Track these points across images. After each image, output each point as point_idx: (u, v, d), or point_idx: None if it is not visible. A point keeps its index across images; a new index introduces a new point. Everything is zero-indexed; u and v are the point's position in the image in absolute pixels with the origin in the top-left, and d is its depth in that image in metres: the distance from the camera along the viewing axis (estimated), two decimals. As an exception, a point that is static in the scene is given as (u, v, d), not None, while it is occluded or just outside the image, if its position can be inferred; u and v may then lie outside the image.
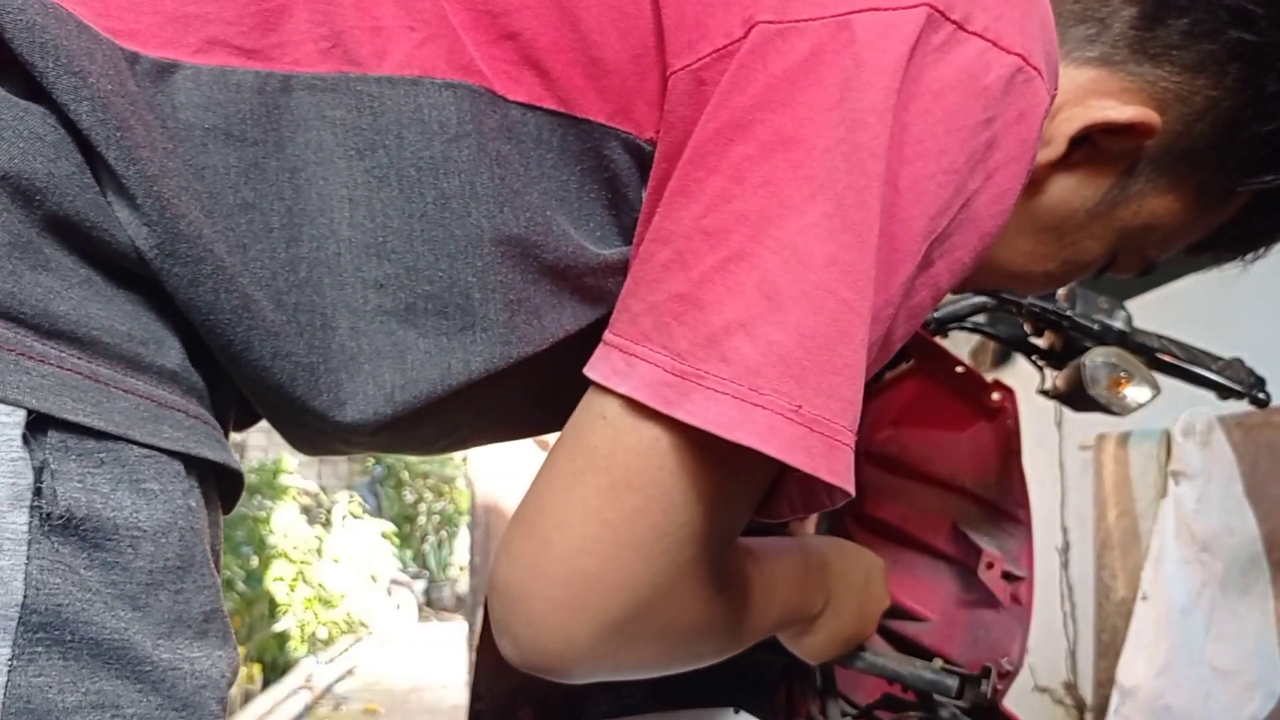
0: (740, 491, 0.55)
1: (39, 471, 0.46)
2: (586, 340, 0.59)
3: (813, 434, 0.49)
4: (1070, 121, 0.63)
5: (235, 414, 0.62)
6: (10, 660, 0.44)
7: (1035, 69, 0.53)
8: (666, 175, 0.54)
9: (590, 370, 0.53)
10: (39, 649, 0.45)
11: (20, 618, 0.44)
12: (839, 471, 0.50)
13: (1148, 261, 0.73)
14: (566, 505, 0.52)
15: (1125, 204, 0.67)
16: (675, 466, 0.51)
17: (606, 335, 0.54)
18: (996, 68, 0.52)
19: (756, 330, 0.49)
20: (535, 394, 0.64)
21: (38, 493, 0.45)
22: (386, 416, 0.57)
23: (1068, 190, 0.66)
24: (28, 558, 0.45)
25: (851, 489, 0.51)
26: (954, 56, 0.51)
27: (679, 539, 0.52)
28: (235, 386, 0.58)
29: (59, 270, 0.48)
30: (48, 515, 0.45)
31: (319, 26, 0.54)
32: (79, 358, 0.48)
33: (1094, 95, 0.63)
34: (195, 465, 0.52)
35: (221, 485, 0.56)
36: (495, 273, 0.56)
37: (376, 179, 0.54)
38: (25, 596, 0.44)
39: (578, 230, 0.58)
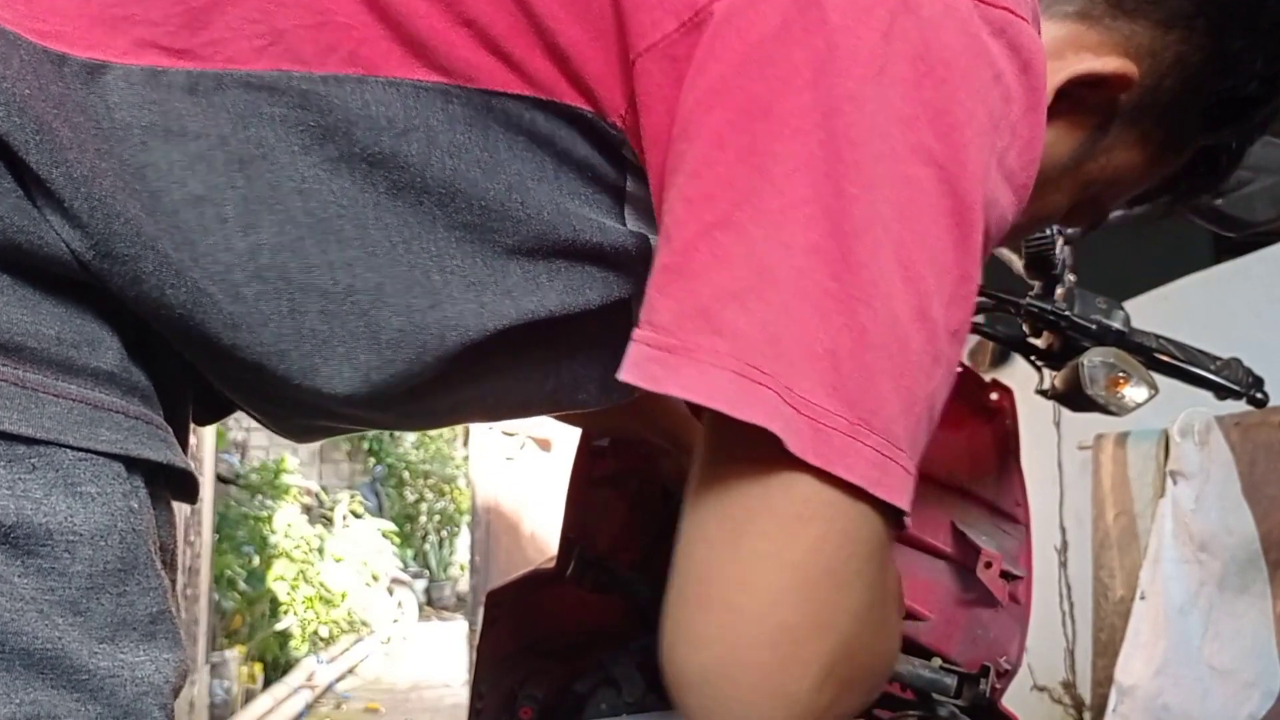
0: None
1: None
2: (592, 321, 0.58)
3: (800, 416, 0.45)
4: (1053, 74, 0.62)
5: (197, 408, 0.61)
6: None
7: (1022, 18, 0.54)
8: (660, 160, 0.53)
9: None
10: None
11: None
12: (828, 457, 0.46)
13: (1101, 213, 0.75)
14: (739, 562, 0.46)
15: (1095, 158, 0.68)
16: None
17: None
18: (990, 24, 0.52)
19: (749, 303, 0.46)
20: (545, 373, 0.63)
21: None
22: (364, 395, 0.56)
23: (1045, 145, 0.64)
24: None
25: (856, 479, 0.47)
26: (949, 23, 0.51)
27: (862, 557, 0.48)
28: (190, 381, 0.57)
29: None
30: None
31: (255, 24, 0.53)
32: (3, 365, 0.48)
33: (1072, 49, 0.64)
34: (138, 466, 0.51)
35: (172, 482, 0.55)
36: (452, 257, 0.55)
37: (328, 171, 0.53)
38: None
39: (558, 211, 0.56)
